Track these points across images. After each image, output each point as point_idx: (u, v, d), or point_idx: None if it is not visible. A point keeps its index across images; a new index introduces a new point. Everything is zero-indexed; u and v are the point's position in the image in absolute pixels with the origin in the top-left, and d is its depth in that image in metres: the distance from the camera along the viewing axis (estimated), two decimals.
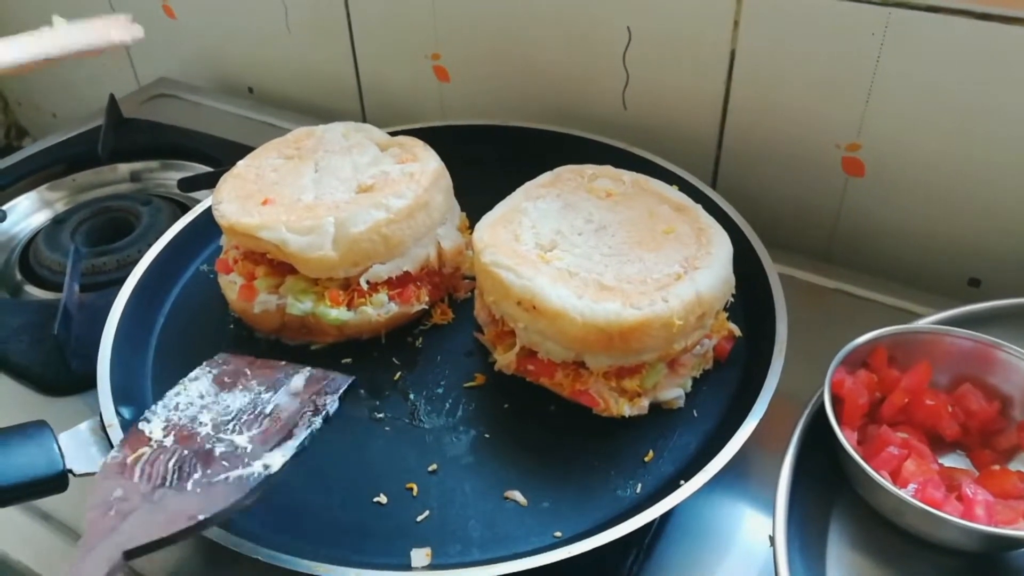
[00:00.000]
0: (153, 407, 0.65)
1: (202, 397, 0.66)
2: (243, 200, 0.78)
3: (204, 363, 0.69)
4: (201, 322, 0.84)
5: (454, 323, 0.82)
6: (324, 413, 0.63)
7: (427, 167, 0.80)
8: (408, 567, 0.61)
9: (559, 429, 0.71)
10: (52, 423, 0.65)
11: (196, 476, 0.58)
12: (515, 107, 1.12)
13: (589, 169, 0.81)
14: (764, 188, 0.98)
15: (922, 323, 0.74)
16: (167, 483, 0.58)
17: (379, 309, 0.76)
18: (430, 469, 0.68)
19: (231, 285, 0.80)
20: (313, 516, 0.65)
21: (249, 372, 0.68)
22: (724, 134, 0.98)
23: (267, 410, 0.64)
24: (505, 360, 0.73)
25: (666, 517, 0.65)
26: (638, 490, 0.66)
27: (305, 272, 0.75)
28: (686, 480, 0.62)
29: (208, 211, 0.91)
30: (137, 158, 1.19)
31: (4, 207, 1.12)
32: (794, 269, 0.92)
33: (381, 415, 0.73)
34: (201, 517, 0.55)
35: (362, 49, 1.21)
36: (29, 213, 1.13)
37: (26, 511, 0.72)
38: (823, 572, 0.63)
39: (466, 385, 0.76)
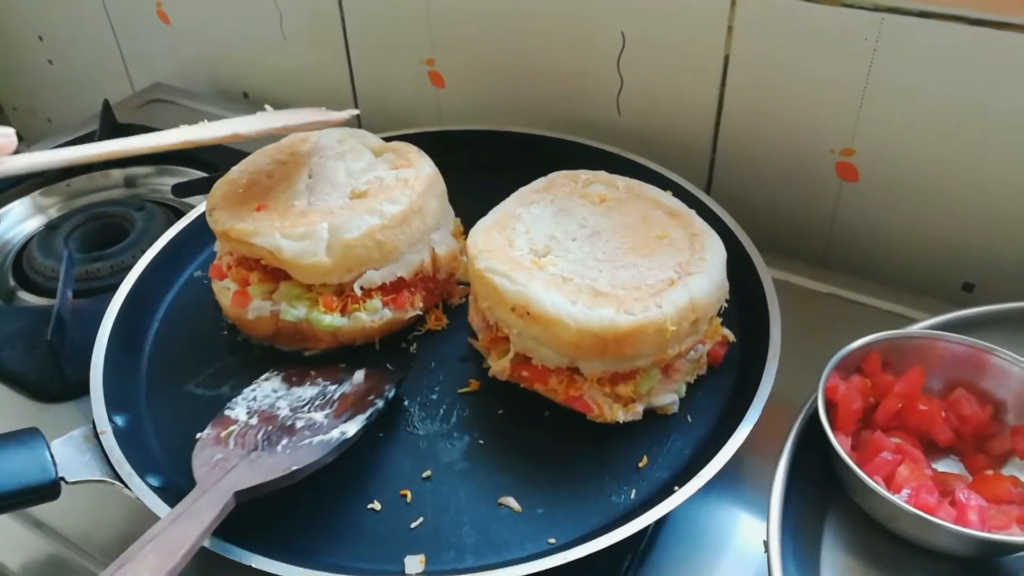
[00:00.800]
0: (232, 400, 0.71)
1: (275, 391, 0.73)
2: (237, 206, 0.78)
3: (270, 370, 0.76)
4: (195, 328, 0.84)
5: (448, 329, 0.82)
6: (385, 397, 0.71)
7: (421, 172, 0.80)
8: (402, 574, 0.61)
9: (553, 435, 0.71)
10: (45, 430, 0.65)
11: (283, 442, 0.66)
12: (510, 112, 1.12)
13: (583, 175, 0.81)
14: (758, 193, 0.98)
15: (916, 328, 0.74)
16: (259, 448, 0.65)
17: (373, 315, 0.76)
18: (424, 475, 0.68)
19: (225, 291, 0.79)
20: (307, 523, 0.65)
21: (314, 372, 0.75)
22: (718, 139, 0.98)
23: (335, 397, 0.71)
24: (499, 366, 0.73)
25: (661, 523, 0.64)
26: (632, 496, 0.66)
27: (299, 278, 0.75)
28: (680, 486, 0.62)
29: (202, 217, 0.91)
30: (131, 163, 1.19)
31: None
32: (788, 274, 0.92)
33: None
34: (295, 467, 0.62)
35: (357, 54, 1.21)
36: (22, 219, 1.13)
37: (18, 519, 0.72)
38: None
39: (460, 391, 0.76)
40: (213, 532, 0.58)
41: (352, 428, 0.67)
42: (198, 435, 0.67)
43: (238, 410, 0.70)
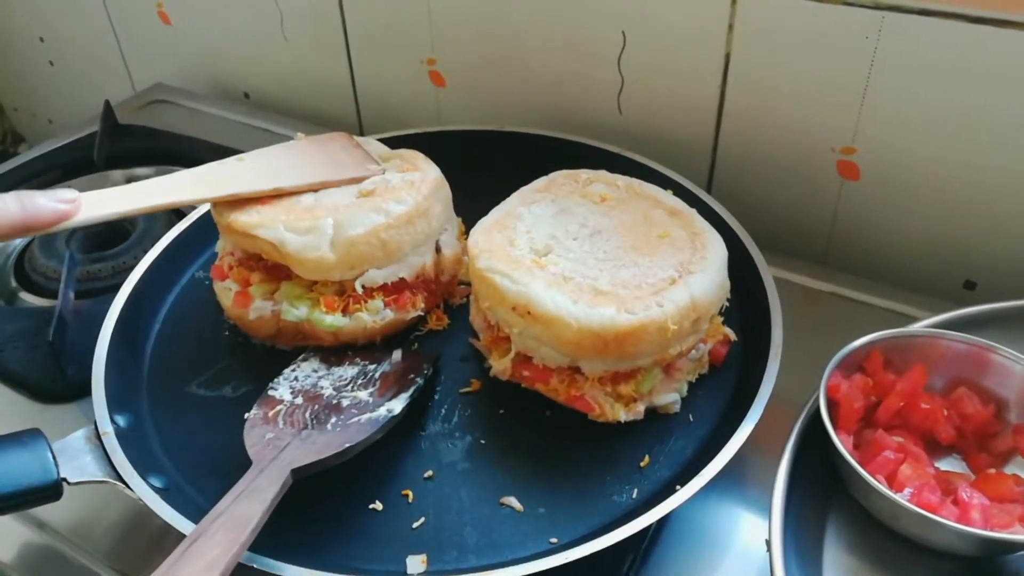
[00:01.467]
0: (274, 380, 0.72)
1: (316, 371, 0.74)
2: (242, 199, 0.78)
3: (307, 351, 0.77)
4: (197, 328, 0.84)
5: (450, 329, 0.82)
6: (424, 375, 0.73)
7: (427, 176, 0.81)
8: (404, 574, 0.61)
9: (555, 435, 0.71)
10: (47, 431, 0.65)
11: (332, 420, 0.67)
12: (510, 112, 1.12)
13: (584, 174, 0.81)
14: (759, 192, 0.98)
15: (917, 326, 0.74)
16: (309, 426, 0.66)
17: (374, 315, 0.76)
18: (426, 475, 0.68)
19: (226, 292, 0.79)
20: (308, 523, 0.65)
21: (351, 352, 0.77)
22: (719, 138, 0.98)
23: (376, 376, 0.73)
24: (500, 366, 0.72)
25: (662, 522, 0.64)
26: (634, 495, 0.66)
27: (301, 273, 0.75)
28: (682, 485, 0.62)
29: (204, 218, 0.91)
30: (133, 164, 1.19)
31: None
32: (790, 273, 0.92)
33: None
34: (348, 444, 0.64)
35: (358, 54, 1.21)
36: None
37: (20, 520, 0.72)
38: None
39: (462, 391, 0.76)
40: None
41: (398, 405, 0.69)
42: (246, 415, 0.67)
43: (281, 390, 0.71)
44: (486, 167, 0.94)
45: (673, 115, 1.00)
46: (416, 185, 0.78)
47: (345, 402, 0.70)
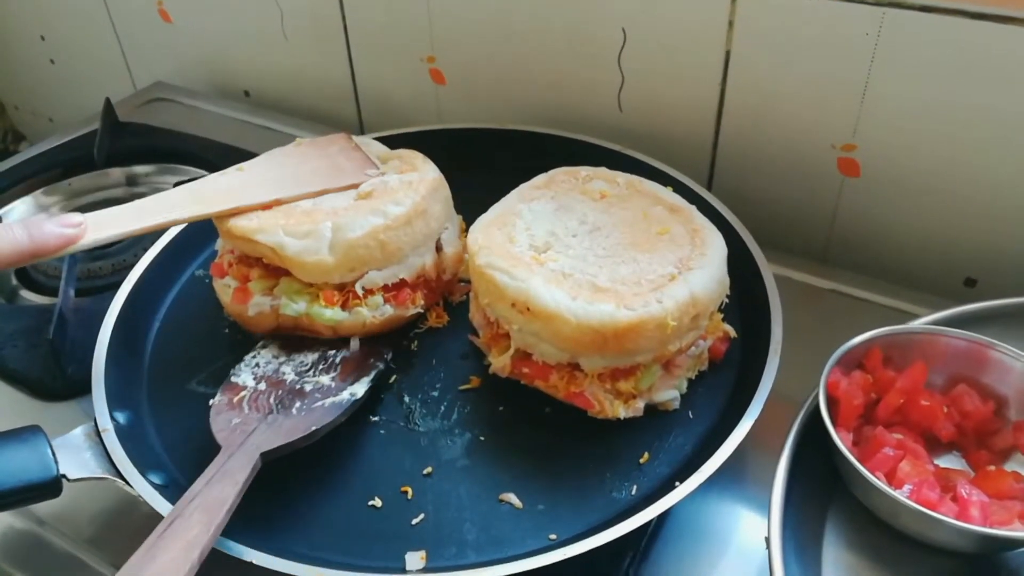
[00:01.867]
0: (235, 368, 0.74)
1: (276, 357, 0.76)
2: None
3: (264, 338, 0.78)
4: (196, 327, 0.84)
5: (449, 326, 0.82)
6: (385, 359, 0.76)
7: (426, 177, 0.80)
8: (403, 570, 0.61)
9: (554, 431, 0.71)
10: (46, 428, 0.65)
11: (297, 405, 0.69)
12: (510, 109, 1.12)
13: (583, 171, 0.81)
14: (760, 189, 0.98)
15: (917, 323, 0.74)
16: (275, 411, 0.68)
17: (374, 311, 0.76)
18: (425, 472, 0.68)
19: (226, 289, 0.79)
20: (307, 519, 0.65)
21: (309, 339, 0.77)
22: (719, 135, 0.98)
23: (336, 361, 0.75)
24: (500, 363, 0.72)
25: (662, 519, 0.65)
26: (633, 492, 0.66)
27: (301, 277, 0.75)
28: (681, 482, 0.62)
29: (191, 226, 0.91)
30: (133, 162, 1.19)
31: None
32: (789, 270, 0.92)
33: (376, 418, 0.73)
34: (314, 428, 0.66)
35: (358, 53, 1.21)
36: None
37: (20, 516, 0.72)
38: (819, 573, 0.63)
39: (461, 388, 0.76)
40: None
41: (360, 389, 0.71)
42: (211, 402, 0.69)
43: (244, 376, 0.73)
44: (486, 165, 0.94)
45: (673, 112, 1.00)
46: (414, 186, 0.78)
47: (308, 387, 0.71)
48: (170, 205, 0.75)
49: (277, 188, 0.78)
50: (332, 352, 0.76)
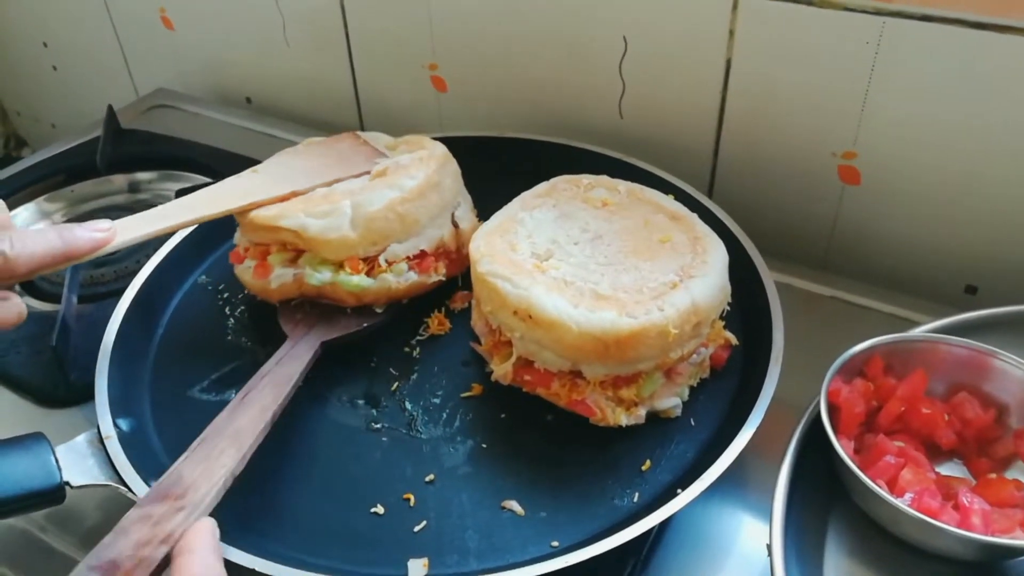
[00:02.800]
0: None
1: None
2: None
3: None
4: (200, 334, 0.84)
5: (451, 333, 0.82)
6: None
7: (435, 152, 0.83)
8: None
9: (556, 439, 0.71)
10: (50, 435, 0.65)
11: (350, 310, 0.79)
12: (512, 117, 1.12)
13: (585, 179, 0.82)
14: (760, 197, 0.98)
15: (918, 331, 0.74)
16: (334, 312, 0.78)
17: (399, 277, 0.78)
18: (427, 479, 0.68)
19: (246, 270, 0.81)
20: (309, 526, 0.65)
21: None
22: (720, 143, 0.98)
23: None
24: (502, 370, 0.73)
25: (664, 526, 0.64)
26: (635, 499, 0.66)
27: (326, 255, 0.76)
28: (683, 489, 0.62)
29: (207, 222, 0.91)
30: (136, 169, 1.19)
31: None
32: (791, 277, 0.92)
33: (378, 425, 0.73)
34: (366, 324, 0.78)
35: (360, 60, 1.22)
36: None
37: (23, 523, 0.72)
38: None
39: (463, 395, 0.76)
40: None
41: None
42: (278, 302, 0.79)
43: None
44: (488, 172, 0.94)
45: (674, 120, 1.00)
46: (425, 160, 0.81)
47: None
48: (190, 207, 0.77)
49: (292, 182, 0.81)
50: None
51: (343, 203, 0.76)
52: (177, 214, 0.75)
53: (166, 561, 0.52)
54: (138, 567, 0.50)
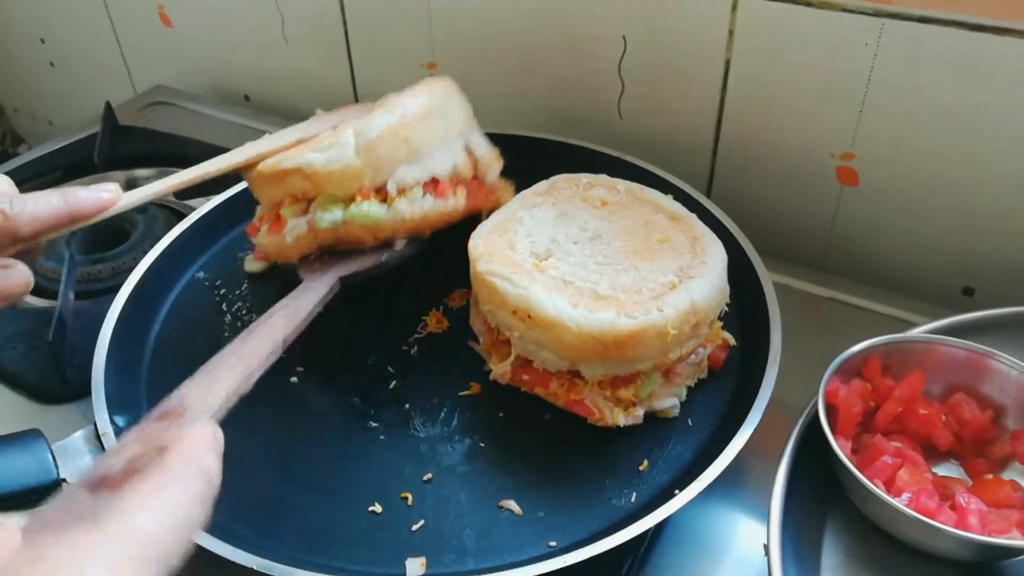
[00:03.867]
0: None
1: None
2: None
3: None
4: (197, 330, 0.84)
5: (449, 332, 0.82)
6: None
7: (437, 81, 0.82)
8: None
9: (554, 438, 0.71)
10: (46, 432, 0.65)
11: (368, 248, 0.77)
12: (511, 115, 1.12)
13: (585, 178, 0.82)
14: (759, 197, 0.99)
15: (916, 332, 0.74)
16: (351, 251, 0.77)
17: (413, 203, 0.74)
18: (425, 478, 0.68)
19: (263, 235, 0.80)
20: (307, 525, 0.65)
21: None
22: (719, 143, 0.99)
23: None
24: (500, 369, 0.73)
25: (661, 526, 0.64)
26: (633, 499, 0.66)
27: (334, 190, 0.74)
28: (681, 489, 0.62)
29: (203, 219, 0.91)
30: (133, 166, 1.19)
31: None
32: (789, 278, 0.92)
33: (376, 424, 0.73)
34: (385, 257, 0.76)
35: (359, 58, 1.22)
36: None
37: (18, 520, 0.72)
38: None
39: (461, 394, 0.76)
40: (214, 531, 0.59)
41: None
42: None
43: None
44: None
45: (673, 120, 1.00)
46: (427, 85, 0.80)
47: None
48: (197, 167, 0.77)
49: (298, 133, 0.81)
50: None
51: (346, 133, 0.73)
52: (183, 173, 0.75)
53: None
54: (128, 477, 0.46)
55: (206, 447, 0.48)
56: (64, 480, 0.63)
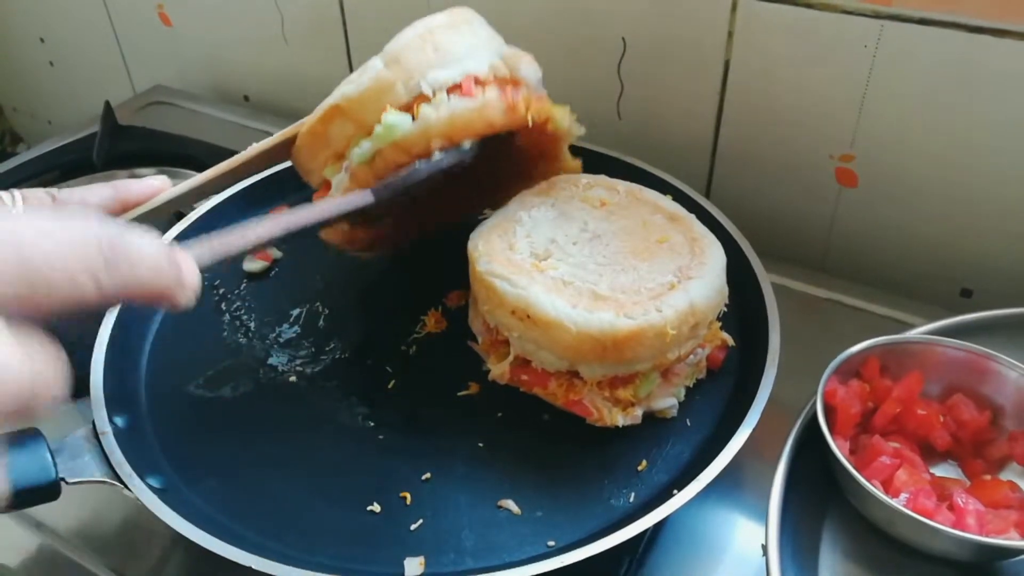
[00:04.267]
0: None
1: None
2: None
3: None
4: (196, 329, 0.84)
5: (448, 331, 0.82)
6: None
7: (460, 7, 0.78)
8: None
9: (553, 439, 0.71)
10: (45, 431, 0.65)
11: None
12: None
13: (584, 178, 0.82)
14: (758, 198, 0.99)
15: (914, 333, 0.75)
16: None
17: (439, 108, 0.71)
18: (424, 478, 0.68)
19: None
20: (305, 524, 0.65)
21: None
22: (718, 144, 0.99)
23: None
24: (499, 370, 0.73)
25: (659, 526, 0.65)
26: (631, 499, 0.66)
27: (370, 114, 0.71)
28: (679, 489, 0.62)
29: (203, 218, 0.91)
30: (132, 165, 1.19)
31: None
32: (787, 279, 0.92)
33: (374, 423, 0.73)
34: (417, 165, 0.71)
35: (359, 58, 1.22)
36: None
37: (18, 519, 0.72)
38: None
39: (460, 394, 0.76)
40: (212, 530, 0.59)
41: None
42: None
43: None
44: None
45: (672, 121, 1.00)
46: (449, 9, 0.76)
47: None
48: (239, 154, 0.76)
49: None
50: None
51: (374, 58, 0.72)
52: (225, 162, 0.75)
53: None
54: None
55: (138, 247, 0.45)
56: (63, 479, 0.63)
